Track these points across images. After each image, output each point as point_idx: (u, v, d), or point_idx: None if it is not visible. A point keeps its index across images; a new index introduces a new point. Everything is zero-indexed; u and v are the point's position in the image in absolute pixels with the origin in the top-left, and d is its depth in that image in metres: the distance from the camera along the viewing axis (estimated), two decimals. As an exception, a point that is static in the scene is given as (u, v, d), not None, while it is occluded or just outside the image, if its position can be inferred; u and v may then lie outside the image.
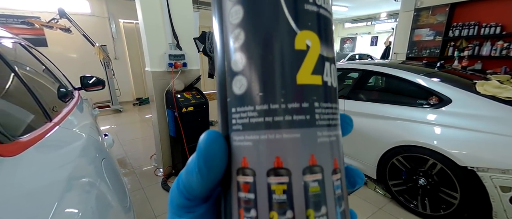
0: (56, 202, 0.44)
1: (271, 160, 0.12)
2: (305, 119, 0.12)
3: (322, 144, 0.12)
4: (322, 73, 0.12)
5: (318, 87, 0.12)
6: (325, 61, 0.13)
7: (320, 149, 0.12)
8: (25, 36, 4.80)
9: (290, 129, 0.12)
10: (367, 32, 10.69)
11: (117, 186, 0.70)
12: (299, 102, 0.12)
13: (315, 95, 0.12)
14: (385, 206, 1.97)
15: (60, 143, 0.65)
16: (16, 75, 0.70)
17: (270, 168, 0.12)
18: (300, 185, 0.12)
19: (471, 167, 1.47)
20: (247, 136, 0.12)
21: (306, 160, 0.12)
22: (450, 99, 1.70)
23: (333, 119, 0.13)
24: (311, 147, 0.12)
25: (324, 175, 0.12)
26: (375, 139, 2.00)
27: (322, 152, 0.12)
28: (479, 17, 4.32)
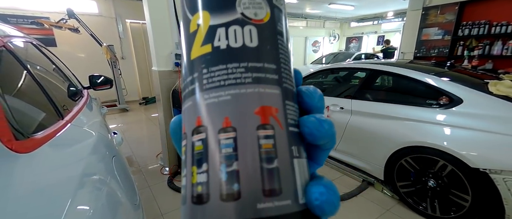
0: (70, 198, 0.44)
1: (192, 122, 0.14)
2: (194, 88, 0.14)
3: (209, 105, 0.14)
4: (213, 41, 0.14)
5: (207, 54, 0.14)
6: (218, 28, 0.14)
7: (205, 111, 0.14)
8: (35, 36, 4.88)
9: (189, 98, 0.15)
10: (373, 32, 10.58)
11: (127, 183, 0.71)
12: (191, 74, 0.15)
13: (203, 63, 0.14)
14: (393, 207, 1.95)
15: (72, 141, 0.66)
16: (29, 74, 0.71)
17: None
18: (189, 144, 0.14)
19: (484, 169, 1.44)
20: (183, 105, 0.16)
21: (193, 122, 0.14)
22: (461, 99, 1.66)
23: (227, 79, 0.14)
24: (197, 110, 0.14)
25: (208, 134, 0.14)
26: (382, 139, 1.98)
27: (207, 113, 0.14)
28: (489, 16, 4.23)
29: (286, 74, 0.15)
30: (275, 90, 0.14)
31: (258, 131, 0.13)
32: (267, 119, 0.13)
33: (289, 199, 0.13)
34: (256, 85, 0.14)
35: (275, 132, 0.13)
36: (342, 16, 10.30)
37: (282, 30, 0.15)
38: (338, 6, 7.93)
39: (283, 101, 0.14)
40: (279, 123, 0.14)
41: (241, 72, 0.14)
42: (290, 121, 0.14)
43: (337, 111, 2.32)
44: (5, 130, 0.46)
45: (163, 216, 1.86)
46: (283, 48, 0.15)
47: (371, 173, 2.20)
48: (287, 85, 0.15)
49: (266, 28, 0.14)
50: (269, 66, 0.14)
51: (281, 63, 0.15)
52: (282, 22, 0.15)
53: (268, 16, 0.14)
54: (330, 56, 8.30)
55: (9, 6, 4.63)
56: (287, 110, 0.14)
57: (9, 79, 0.64)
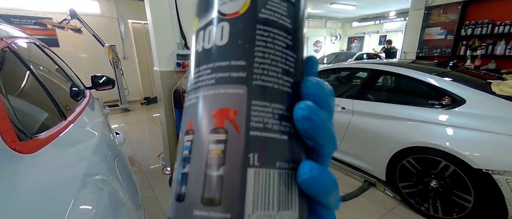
0: (72, 198, 0.44)
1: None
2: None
3: (185, 108, 0.14)
4: (195, 45, 0.14)
5: (192, 58, 0.14)
6: (200, 31, 0.14)
7: (183, 113, 0.14)
8: (38, 36, 4.90)
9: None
10: (375, 31, 10.54)
11: (129, 183, 0.71)
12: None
13: (189, 68, 0.14)
14: (394, 208, 1.94)
15: (75, 141, 0.66)
16: (32, 75, 0.72)
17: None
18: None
19: (486, 170, 1.43)
20: None
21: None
22: (464, 99, 1.65)
23: (197, 82, 0.14)
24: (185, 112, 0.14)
25: (180, 135, 0.14)
26: (384, 139, 1.97)
27: (183, 115, 0.14)
28: (493, 15, 4.20)
29: (262, 70, 0.13)
30: (238, 90, 0.13)
31: (210, 135, 0.12)
32: (221, 122, 0.12)
33: (229, 212, 0.11)
34: (217, 86, 0.13)
35: (228, 136, 0.12)
36: (343, 16, 10.28)
37: (267, 17, 0.13)
38: (340, 6, 7.91)
39: (249, 101, 0.13)
40: (235, 127, 0.12)
41: (207, 74, 0.13)
42: (255, 124, 0.12)
43: (339, 111, 2.32)
44: (8, 130, 0.47)
45: (164, 215, 1.86)
46: (263, 39, 0.13)
47: (373, 174, 2.19)
48: (262, 83, 0.13)
49: (240, 20, 0.13)
50: (236, 64, 0.13)
51: (255, 58, 0.13)
52: (269, 7, 0.13)
53: (247, 5, 0.13)
54: (331, 56, 8.28)
55: (12, 6, 4.66)
56: (253, 111, 0.13)
57: (12, 80, 0.65)
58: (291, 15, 0.14)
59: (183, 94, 2.20)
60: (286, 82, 0.13)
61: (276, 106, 0.13)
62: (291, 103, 0.13)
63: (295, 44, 0.14)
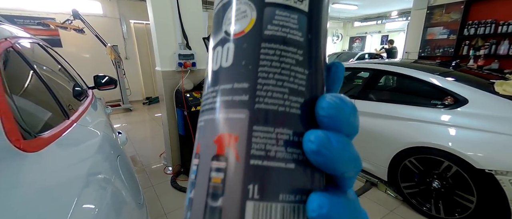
0: (76, 197, 0.45)
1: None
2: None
3: (197, 130, 0.14)
4: (207, 66, 0.14)
5: (205, 79, 0.14)
6: (212, 51, 0.14)
7: (196, 135, 0.14)
8: (41, 37, 4.94)
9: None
10: (377, 31, 10.50)
11: (132, 183, 0.72)
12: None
13: (203, 88, 0.14)
14: (396, 208, 1.93)
15: (78, 140, 0.67)
16: (36, 74, 0.73)
17: None
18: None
19: (489, 170, 1.42)
20: None
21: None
22: (467, 99, 1.64)
23: (205, 104, 0.13)
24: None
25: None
26: (386, 139, 1.96)
27: (196, 137, 0.14)
28: (496, 14, 4.17)
29: (265, 92, 0.12)
30: (239, 114, 0.12)
31: (212, 162, 0.12)
32: (222, 148, 0.12)
33: None
34: (221, 110, 0.12)
35: (228, 164, 0.11)
36: (345, 16, 10.25)
37: (273, 33, 0.12)
38: (342, 6, 7.89)
39: (250, 127, 0.12)
40: (235, 154, 0.11)
41: (213, 97, 0.13)
42: (256, 151, 0.11)
43: (340, 111, 2.31)
44: (13, 129, 0.47)
45: (166, 215, 1.87)
46: (268, 58, 0.12)
47: (375, 174, 2.19)
48: (264, 106, 0.12)
49: (245, 40, 0.12)
50: (239, 86, 0.12)
51: (259, 79, 0.12)
52: (276, 22, 0.12)
53: (252, 23, 0.12)
54: (333, 56, 8.26)
55: (16, 7, 4.70)
56: (254, 137, 0.11)
57: (16, 79, 0.66)
58: (303, 27, 0.13)
59: (185, 94, 2.20)
60: (294, 103, 0.12)
61: (281, 131, 0.12)
62: (303, 126, 0.12)
63: (308, 58, 0.13)
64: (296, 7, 0.12)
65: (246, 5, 0.12)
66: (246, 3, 0.12)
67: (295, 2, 0.12)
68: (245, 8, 0.12)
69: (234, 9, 0.13)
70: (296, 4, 0.12)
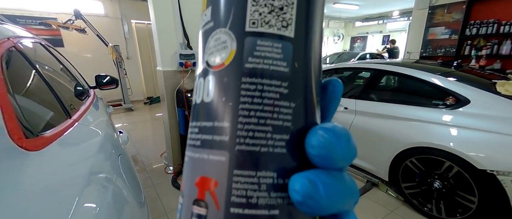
0: (77, 196, 0.45)
1: None
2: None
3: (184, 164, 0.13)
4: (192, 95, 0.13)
5: (191, 109, 0.13)
6: (195, 82, 0.13)
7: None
8: (43, 36, 4.96)
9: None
10: (378, 31, 10.48)
11: (133, 181, 0.72)
12: None
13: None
14: (397, 208, 1.93)
15: (80, 139, 0.67)
16: (38, 74, 0.73)
17: None
18: None
19: (491, 170, 1.42)
20: None
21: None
22: (468, 99, 1.64)
23: (190, 138, 0.12)
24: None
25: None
26: (387, 140, 1.96)
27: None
28: (498, 14, 4.15)
29: (246, 131, 0.11)
30: (220, 156, 0.11)
31: (193, 206, 0.11)
32: (203, 193, 0.11)
33: None
34: (202, 150, 0.11)
35: (208, 212, 0.11)
36: (346, 16, 10.23)
37: (254, 66, 0.11)
38: (343, 6, 7.88)
39: (230, 171, 0.11)
40: (215, 201, 0.11)
41: (196, 132, 0.12)
42: (236, 198, 0.11)
43: (341, 111, 2.31)
44: (15, 128, 0.48)
45: (167, 214, 1.88)
46: (249, 94, 0.11)
47: (376, 174, 2.18)
48: (245, 147, 0.11)
49: (225, 74, 0.11)
50: (219, 125, 0.11)
51: (239, 117, 0.11)
52: (257, 54, 0.11)
53: (232, 55, 0.11)
54: (334, 56, 8.24)
55: (18, 7, 4.72)
56: (234, 183, 0.11)
57: (19, 79, 0.66)
58: (288, 56, 0.11)
59: (186, 94, 2.21)
60: (278, 142, 0.11)
61: (264, 175, 0.11)
62: (289, 167, 0.11)
63: (294, 89, 0.11)
64: (280, 34, 0.11)
65: (226, 35, 0.11)
66: (226, 32, 0.11)
67: (278, 29, 0.11)
68: (225, 38, 0.11)
69: (214, 38, 0.12)
70: (279, 31, 0.11)
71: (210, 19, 0.12)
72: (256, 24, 0.11)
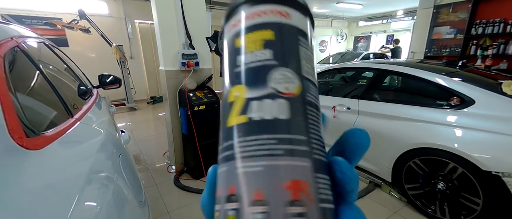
0: (77, 194, 0.45)
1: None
2: (230, 154, 0.15)
3: (242, 174, 0.14)
4: (248, 113, 0.15)
5: (243, 124, 0.15)
6: (252, 101, 0.15)
7: (239, 179, 0.14)
8: (48, 36, 5.04)
9: (225, 163, 0.15)
10: (382, 31, 10.39)
11: (133, 181, 0.72)
12: (227, 141, 0.15)
13: (239, 132, 0.15)
14: (400, 210, 1.91)
15: (81, 138, 0.67)
16: (41, 73, 0.74)
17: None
18: (222, 212, 0.14)
19: (496, 172, 1.39)
20: (220, 168, 0.16)
21: (226, 189, 0.14)
22: (473, 100, 1.61)
23: (260, 149, 0.14)
24: (232, 178, 0.14)
25: (241, 205, 0.13)
26: (390, 140, 1.94)
27: (241, 182, 0.14)
28: (505, 13, 4.08)
29: (316, 145, 0.15)
30: (305, 162, 0.14)
31: (289, 208, 0.12)
32: (297, 194, 0.13)
33: None
34: (287, 158, 0.13)
35: (308, 209, 0.13)
36: (350, 15, 10.17)
37: (312, 100, 0.16)
38: (346, 5, 7.83)
39: (314, 174, 0.14)
40: (310, 199, 0.13)
41: (273, 144, 0.14)
42: (321, 196, 0.14)
43: (344, 111, 2.30)
44: (16, 127, 0.48)
45: (169, 213, 1.88)
46: (313, 119, 0.15)
47: (379, 175, 2.17)
48: (318, 157, 0.15)
49: (297, 100, 0.15)
50: (299, 138, 0.14)
51: (311, 134, 0.15)
52: (312, 93, 0.16)
53: (299, 89, 0.15)
54: (337, 56, 8.20)
55: (24, 7, 4.79)
56: (318, 184, 0.14)
57: (21, 78, 0.67)
58: (317, 95, 0.17)
59: (188, 94, 2.21)
60: (324, 153, 0.15)
61: (326, 178, 0.15)
62: (327, 173, 0.15)
63: (319, 121, 0.16)
64: (313, 80, 0.16)
65: (291, 74, 0.15)
66: (291, 72, 0.15)
67: (311, 75, 0.16)
68: (290, 75, 0.15)
69: (281, 73, 0.15)
70: (312, 78, 0.16)
71: (272, 58, 0.15)
72: (307, 73, 0.16)
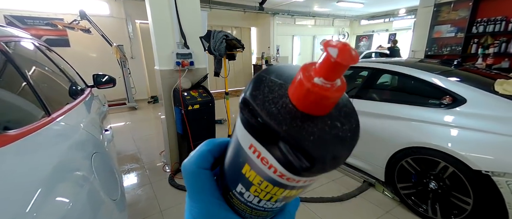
0: (34, 194, 0.46)
1: None
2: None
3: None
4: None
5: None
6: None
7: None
8: (49, 37, 5.12)
9: None
10: (384, 29, 10.30)
11: (108, 179, 0.73)
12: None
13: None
14: (393, 209, 1.90)
15: (51, 138, 0.68)
16: (19, 73, 0.75)
17: None
18: None
19: (486, 171, 1.38)
20: None
21: None
22: (465, 99, 1.60)
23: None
24: None
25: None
26: (384, 139, 1.93)
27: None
28: (506, 11, 4.02)
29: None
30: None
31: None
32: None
33: None
34: None
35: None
36: (351, 14, 10.09)
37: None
38: (347, 4, 7.78)
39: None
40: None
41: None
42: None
43: (338, 110, 2.29)
44: None
45: (162, 212, 1.90)
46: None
47: (372, 174, 2.16)
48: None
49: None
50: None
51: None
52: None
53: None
54: (338, 55, 8.12)
55: (26, 8, 4.86)
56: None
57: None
58: None
59: (182, 93, 2.23)
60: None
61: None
62: None
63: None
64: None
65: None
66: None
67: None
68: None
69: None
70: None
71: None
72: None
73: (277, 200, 0.16)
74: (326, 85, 0.12)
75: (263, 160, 0.14)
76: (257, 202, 0.17)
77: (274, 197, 0.16)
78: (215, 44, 2.14)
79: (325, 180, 2.30)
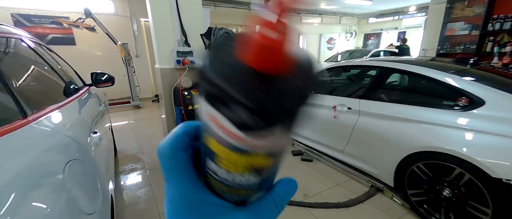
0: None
1: None
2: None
3: None
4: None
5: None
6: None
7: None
8: (55, 35, 5.16)
9: None
10: (393, 27, 10.04)
11: (86, 191, 0.66)
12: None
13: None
14: (402, 217, 1.79)
15: (18, 144, 0.61)
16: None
17: None
18: None
19: (507, 180, 1.26)
20: None
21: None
22: (483, 100, 1.48)
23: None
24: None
25: None
26: (393, 143, 1.83)
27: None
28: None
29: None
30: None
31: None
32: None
33: None
34: None
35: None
36: (359, 12, 9.87)
37: None
38: (355, 1, 7.60)
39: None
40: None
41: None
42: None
43: (345, 111, 2.19)
44: None
45: (159, 215, 1.85)
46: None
47: (380, 179, 2.05)
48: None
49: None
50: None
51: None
52: None
53: None
54: (345, 54, 7.98)
55: (32, 7, 4.90)
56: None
57: None
58: None
59: (182, 92, 2.17)
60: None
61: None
62: None
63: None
64: None
65: None
66: None
67: None
68: None
69: None
70: None
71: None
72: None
73: (246, 171, 0.16)
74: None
75: (217, 123, 0.14)
76: (227, 176, 0.16)
77: (240, 167, 0.15)
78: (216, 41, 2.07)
79: (329, 184, 2.20)
